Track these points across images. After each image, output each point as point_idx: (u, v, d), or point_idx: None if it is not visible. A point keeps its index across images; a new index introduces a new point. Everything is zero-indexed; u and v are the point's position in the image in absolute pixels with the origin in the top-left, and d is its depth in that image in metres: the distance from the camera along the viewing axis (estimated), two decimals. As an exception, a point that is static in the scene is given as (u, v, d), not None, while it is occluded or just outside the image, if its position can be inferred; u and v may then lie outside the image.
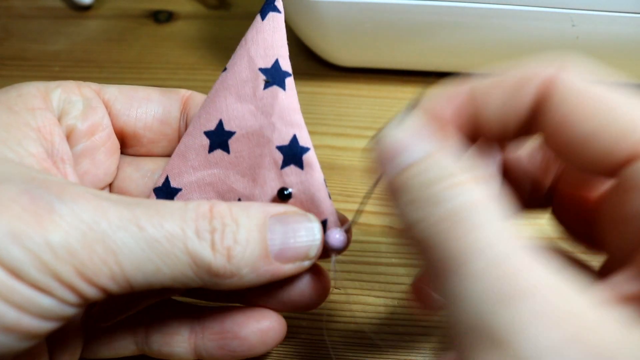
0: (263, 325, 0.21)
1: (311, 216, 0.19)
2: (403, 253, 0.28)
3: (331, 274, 0.21)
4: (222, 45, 0.41)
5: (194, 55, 0.40)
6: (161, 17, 0.44)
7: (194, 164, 0.21)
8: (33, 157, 0.18)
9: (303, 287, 0.21)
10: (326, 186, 0.20)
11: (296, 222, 0.19)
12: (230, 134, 0.21)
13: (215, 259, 0.16)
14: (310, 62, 0.39)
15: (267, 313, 0.22)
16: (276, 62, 0.21)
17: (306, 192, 0.20)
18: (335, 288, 0.27)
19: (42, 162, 0.19)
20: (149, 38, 0.42)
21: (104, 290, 0.16)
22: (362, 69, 0.38)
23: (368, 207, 0.30)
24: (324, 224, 0.20)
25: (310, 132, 0.35)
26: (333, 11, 0.33)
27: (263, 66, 0.20)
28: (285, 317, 0.26)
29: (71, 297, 0.15)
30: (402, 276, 0.27)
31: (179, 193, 0.22)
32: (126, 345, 0.22)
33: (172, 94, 0.23)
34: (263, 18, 0.21)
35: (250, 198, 0.20)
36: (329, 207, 0.20)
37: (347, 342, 0.25)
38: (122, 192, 0.23)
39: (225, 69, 0.21)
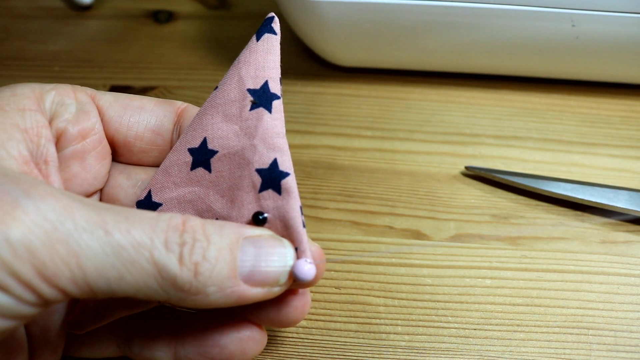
0: (243, 335, 0.21)
1: (286, 242, 0.19)
2: (403, 253, 0.28)
3: None
4: (222, 45, 0.41)
5: (194, 55, 0.40)
6: (161, 17, 0.44)
7: (175, 180, 0.21)
8: (13, 159, 0.18)
9: (281, 305, 0.21)
10: (302, 214, 0.20)
11: (270, 246, 0.18)
12: (213, 152, 0.21)
13: (182, 273, 0.16)
14: (310, 62, 0.39)
15: (247, 323, 0.21)
16: (265, 83, 0.21)
17: (281, 218, 0.19)
18: (336, 288, 0.27)
19: (23, 165, 0.19)
20: (149, 38, 0.42)
21: (64, 292, 0.15)
22: (362, 69, 0.38)
23: (369, 207, 0.31)
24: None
25: (310, 132, 0.36)
26: (333, 11, 0.33)
27: (252, 87, 0.21)
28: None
29: (29, 296, 0.15)
30: (402, 276, 0.27)
31: (159, 208, 0.22)
32: (107, 346, 0.22)
33: (167, 105, 0.23)
34: (258, 39, 0.21)
35: (227, 219, 0.20)
36: (301, 236, 0.19)
37: (348, 342, 0.25)
38: (111, 200, 0.23)
39: (216, 87, 0.21)
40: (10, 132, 0.19)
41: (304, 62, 0.39)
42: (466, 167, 0.32)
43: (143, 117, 0.23)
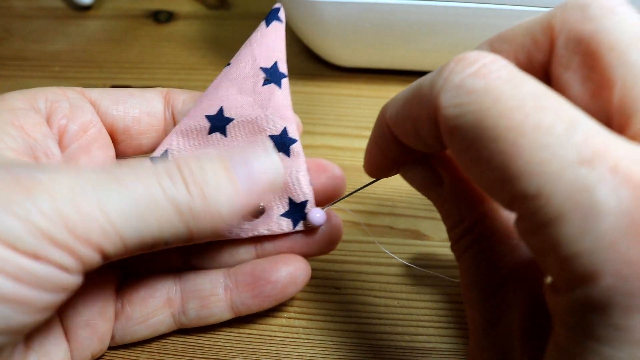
0: (291, 268, 0.24)
1: (267, 144, 0.20)
2: (402, 253, 0.28)
3: None
4: (222, 45, 0.41)
5: (194, 55, 0.41)
6: (161, 17, 0.44)
7: (194, 143, 0.23)
8: (13, 151, 0.19)
9: (319, 236, 0.24)
10: (308, 174, 0.24)
11: (256, 158, 0.19)
12: (229, 120, 0.23)
13: (193, 200, 0.17)
14: (310, 62, 0.39)
15: (291, 258, 0.24)
16: (275, 64, 0.24)
17: (291, 175, 0.23)
18: (336, 288, 0.27)
19: (22, 156, 0.19)
20: (149, 38, 0.42)
21: (99, 249, 0.16)
22: (362, 69, 0.38)
23: (369, 208, 0.30)
24: (305, 204, 0.23)
25: (310, 132, 0.36)
26: (333, 11, 0.33)
27: (264, 66, 0.23)
28: (286, 318, 0.26)
29: (68, 260, 0.16)
30: (402, 276, 0.27)
31: None
32: (163, 320, 0.24)
33: (152, 90, 0.25)
34: (267, 25, 0.24)
35: None
36: (309, 191, 0.23)
37: (348, 342, 0.25)
38: None
39: (229, 64, 0.24)
40: (4, 129, 0.20)
41: (304, 62, 0.40)
42: (466, 167, 0.32)
43: (135, 101, 0.24)
